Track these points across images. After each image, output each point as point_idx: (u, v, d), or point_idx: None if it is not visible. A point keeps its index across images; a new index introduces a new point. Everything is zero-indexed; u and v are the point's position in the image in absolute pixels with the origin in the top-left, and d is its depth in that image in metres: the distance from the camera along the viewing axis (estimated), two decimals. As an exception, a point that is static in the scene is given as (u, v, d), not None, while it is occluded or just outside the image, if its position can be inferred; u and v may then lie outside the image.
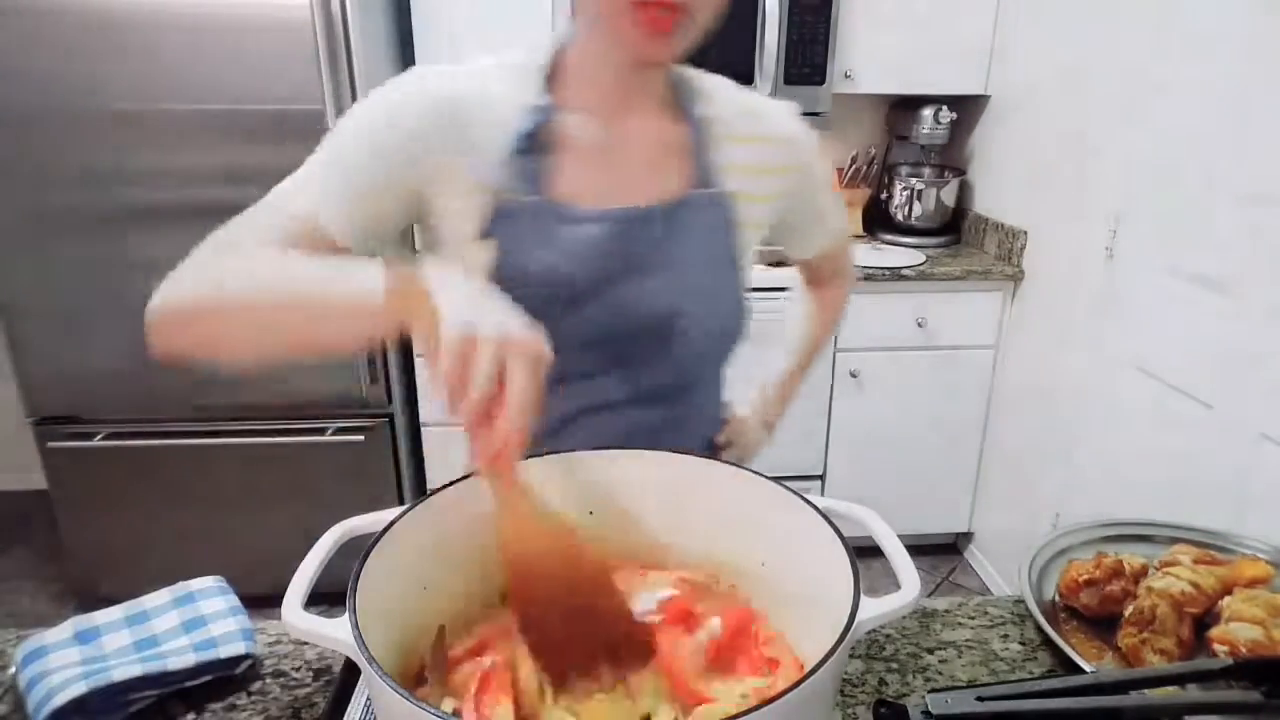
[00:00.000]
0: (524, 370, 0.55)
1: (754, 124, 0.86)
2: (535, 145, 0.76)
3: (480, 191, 0.75)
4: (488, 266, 0.76)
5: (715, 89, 0.86)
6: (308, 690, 0.71)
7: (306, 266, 0.66)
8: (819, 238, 1.00)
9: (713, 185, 0.82)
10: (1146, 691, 0.61)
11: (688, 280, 0.81)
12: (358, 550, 0.57)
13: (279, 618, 0.52)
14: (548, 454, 0.70)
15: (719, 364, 0.91)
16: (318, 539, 0.58)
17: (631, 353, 0.81)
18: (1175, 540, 0.86)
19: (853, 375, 2.36)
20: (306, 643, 0.76)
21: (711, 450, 0.95)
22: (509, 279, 0.74)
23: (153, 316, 0.68)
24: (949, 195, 2.55)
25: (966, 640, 0.78)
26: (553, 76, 0.79)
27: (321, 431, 2.14)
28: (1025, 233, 2.26)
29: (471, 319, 0.55)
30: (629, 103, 0.80)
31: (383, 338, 0.62)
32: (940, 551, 2.66)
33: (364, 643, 0.48)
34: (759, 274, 2.25)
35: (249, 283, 0.66)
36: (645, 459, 0.70)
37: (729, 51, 2.24)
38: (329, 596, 0.60)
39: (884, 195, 2.64)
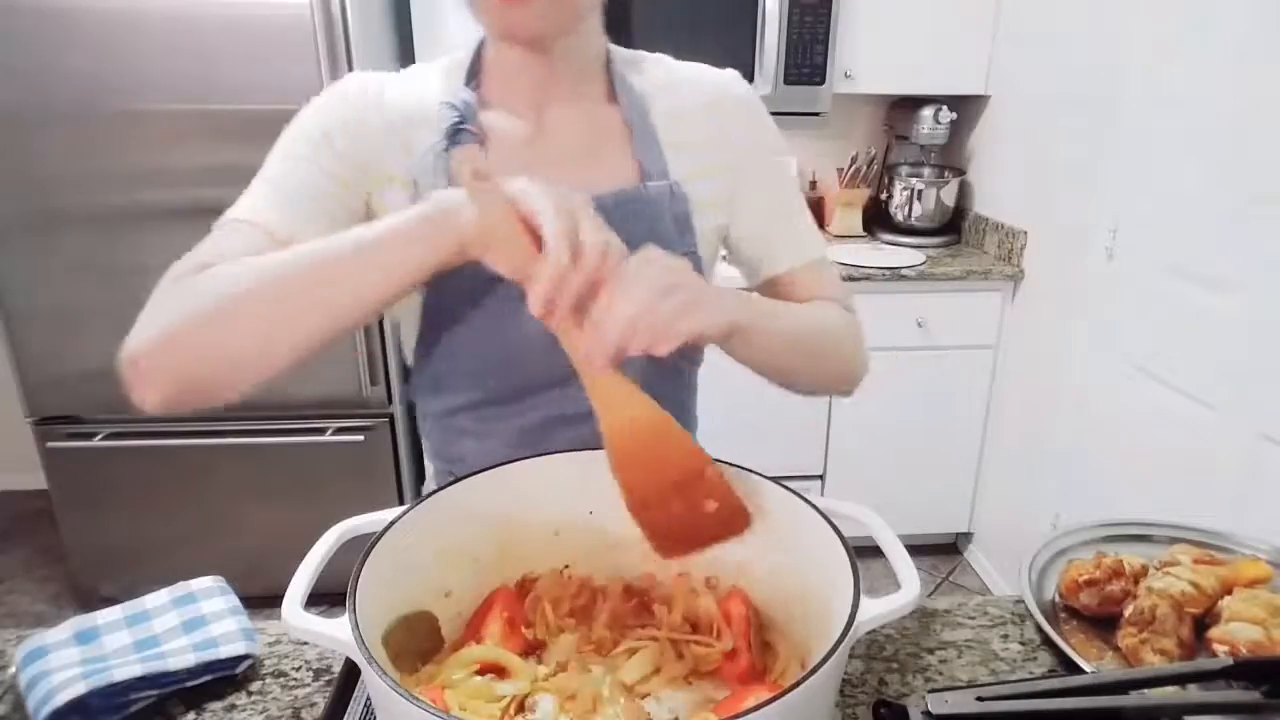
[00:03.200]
0: (623, 255, 0.55)
1: (681, 97, 0.80)
2: (460, 143, 0.73)
3: (413, 190, 0.74)
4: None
5: (648, 65, 0.82)
6: (308, 690, 0.71)
7: (323, 239, 0.62)
8: (782, 246, 0.85)
9: (656, 172, 0.77)
10: (1146, 691, 0.61)
11: None
12: (358, 550, 0.57)
13: (279, 618, 0.52)
14: (546, 454, 0.71)
15: (684, 365, 0.86)
16: (318, 539, 0.58)
17: None
18: (1175, 540, 0.86)
19: (853, 375, 2.36)
20: (306, 643, 0.76)
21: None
22: (450, 285, 0.71)
23: (129, 364, 0.61)
24: (949, 195, 2.55)
25: (966, 640, 0.78)
26: (477, 72, 0.78)
27: (321, 431, 2.14)
28: (1025, 233, 2.26)
29: (566, 203, 0.55)
30: (545, 91, 0.76)
31: (441, 262, 0.59)
32: (940, 551, 2.66)
33: (364, 643, 0.48)
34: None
35: (247, 276, 0.61)
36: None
37: (729, 51, 2.24)
38: (329, 596, 0.60)
39: (884, 195, 2.64)
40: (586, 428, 0.78)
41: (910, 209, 2.55)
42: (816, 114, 2.33)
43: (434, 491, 0.65)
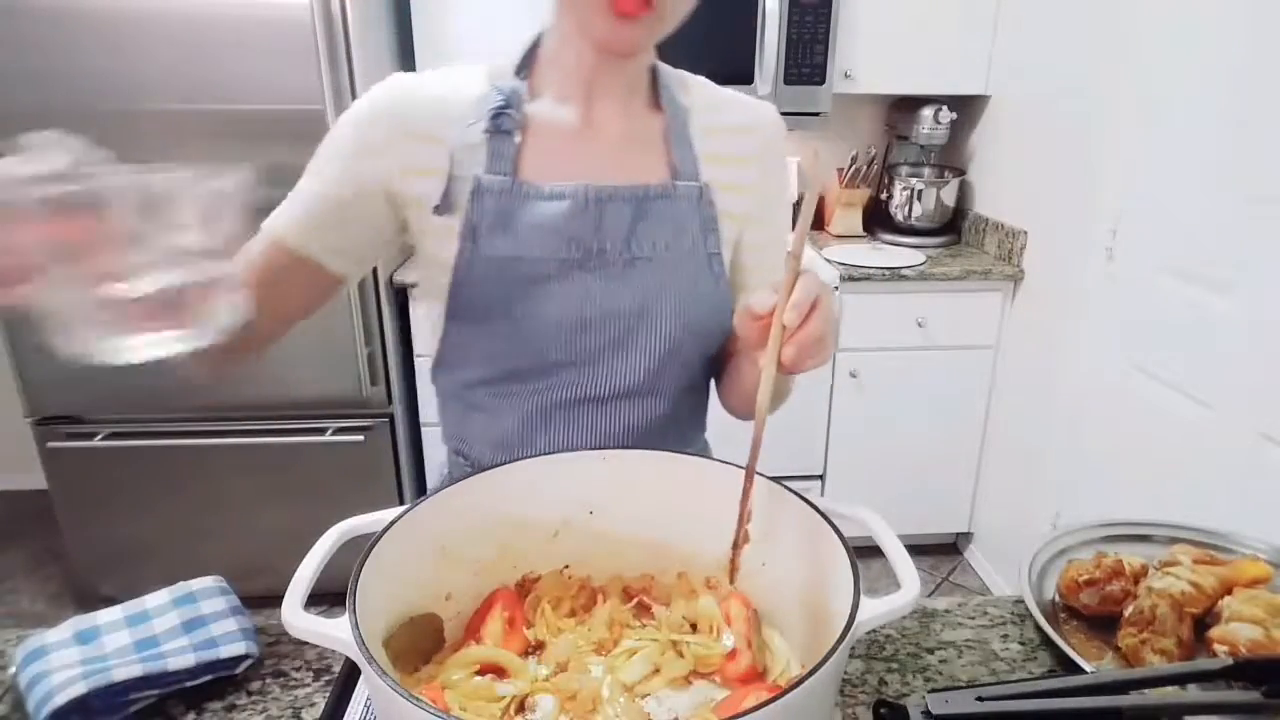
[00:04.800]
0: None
1: (723, 114, 0.85)
2: (502, 127, 0.77)
3: (448, 175, 0.77)
4: (456, 249, 0.77)
5: (693, 84, 0.87)
6: (308, 690, 0.71)
7: None
8: (772, 274, 0.91)
9: (688, 177, 0.82)
10: (1146, 691, 0.61)
11: (661, 272, 0.80)
12: (358, 550, 0.57)
13: (279, 618, 0.52)
14: (547, 454, 0.71)
15: (696, 362, 0.87)
16: (318, 539, 0.58)
17: (602, 344, 0.80)
18: (1175, 540, 0.86)
19: (852, 375, 2.36)
20: (306, 643, 0.75)
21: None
22: (479, 260, 0.77)
23: None
24: (949, 195, 2.55)
25: (966, 640, 0.78)
26: (528, 64, 0.82)
27: (321, 431, 2.14)
28: (1025, 233, 2.26)
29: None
30: (600, 90, 0.80)
31: None
32: (940, 551, 2.66)
33: (364, 643, 0.48)
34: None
35: None
36: (646, 459, 0.70)
37: (729, 51, 2.24)
38: (329, 596, 0.60)
39: (884, 195, 2.64)
40: (596, 410, 0.83)
41: (910, 209, 2.55)
42: (816, 114, 2.33)
43: (434, 491, 0.65)
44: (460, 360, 0.84)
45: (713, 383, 0.92)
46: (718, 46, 2.23)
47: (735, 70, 2.24)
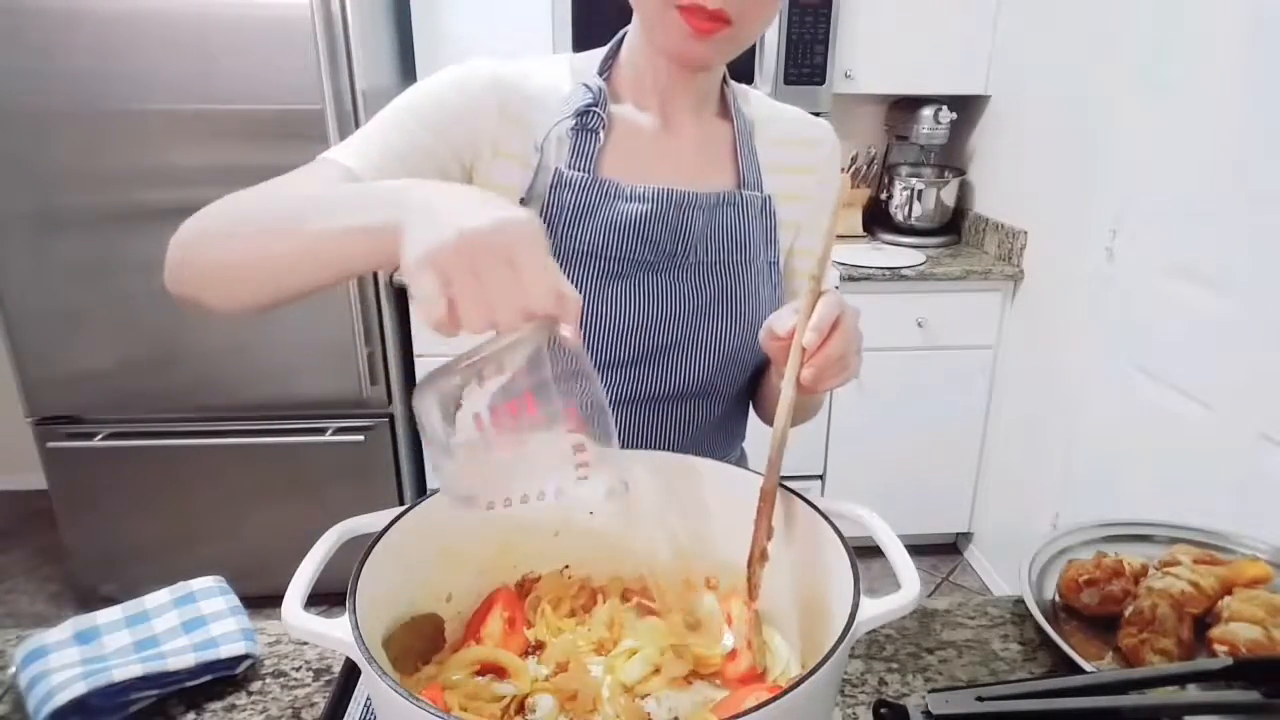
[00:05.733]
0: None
1: (785, 127, 0.89)
2: (588, 124, 0.79)
3: (531, 164, 0.78)
4: None
5: (753, 96, 0.90)
6: (308, 690, 0.71)
7: (333, 185, 0.65)
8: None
9: (754, 186, 0.85)
10: (1146, 691, 0.61)
11: (724, 277, 0.82)
12: (358, 550, 0.57)
13: (279, 618, 0.52)
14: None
15: (750, 368, 0.88)
16: (318, 539, 0.58)
17: (663, 345, 0.82)
18: (1175, 540, 0.86)
19: (853, 375, 2.36)
20: (306, 643, 0.76)
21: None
22: (554, 251, 0.75)
23: (170, 249, 0.67)
24: (949, 195, 2.55)
25: (966, 640, 0.78)
26: (610, 66, 0.84)
27: (321, 431, 2.14)
28: (1025, 233, 2.26)
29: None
30: (676, 97, 0.83)
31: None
32: (940, 551, 2.66)
33: (364, 643, 0.48)
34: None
35: (253, 202, 0.64)
36: (646, 459, 0.70)
37: (729, 51, 2.23)
38: (329, 596, 0.60)
39: (884, 195, 2.64)
40: (651, 410, 0.84)
41: (910, 209, 2.55)
42: (817, 114, 2.32)
43: (434, 491, 0.65)
44: None
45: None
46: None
47: (735, 70, 2.22)
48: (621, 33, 0.84)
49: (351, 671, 0.70)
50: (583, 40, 2.06)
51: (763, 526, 0.63)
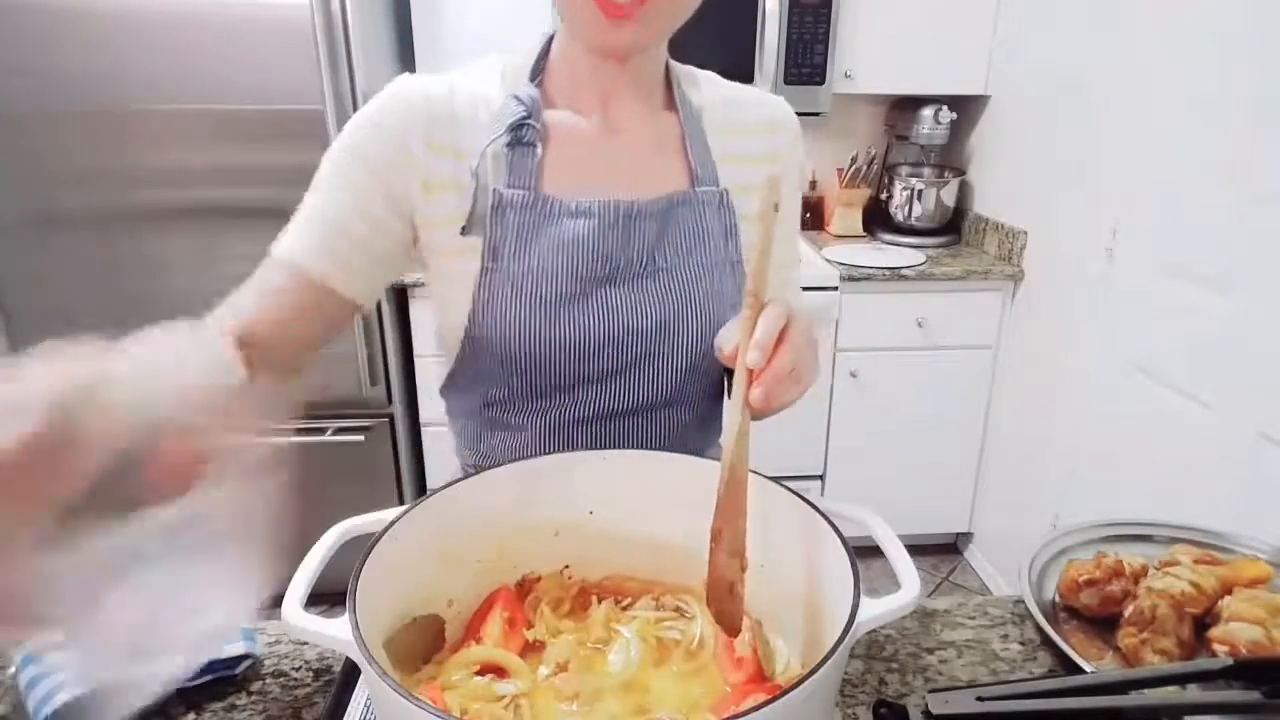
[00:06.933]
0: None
1: (739, 112, 0.84)
2: (524, 139, 0.74)
3: (468, 189, 0.74)
4: (478, 268, 0.75)
5: (702, 80, 0.85)
6: (308, 690, 0.71)
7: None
8: (783, 276, 0.89)
9: (708, 181, 0.80)
10: (1146, 691, 0.61)
11: (685, 283, 0.79)
12: (358, 550, 0.57)
13: (279, 618, 0.52)
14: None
15: (720, 368, 0.86)
16: (318, 539, 0.58)
17: (630, 359, 0.79)
18: (1175, 540, 0.86)
19: (853, 375, 2.36)
20: (306, 643, 0.76)
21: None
22: (501, 279, 0.74)
23: None
24: (949, 195, 2.55)
25: (966, 640, 0.78)
26: (541, 71, 0.79)
27: (321, 431, 2.14)
28: (1025, 233, 2.26)
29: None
30: (614, 94, 0.78)
31: None
32: (940, 551, 2.66)
33: (364, 643, 0.48)
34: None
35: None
36: (646, 459, 0.70)
37: (729, 51, 2.24)
38: (329, 596, 0.60)
39: (884, 195, 2.64)
40: (616, 425, 0.82)
41: (910, 209, 2.55)
42: (816, 114, 2.33)
43: (434, 491, 0.65)
44: (478, 379, 0.81)
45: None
46: (718, 46, 2.23)
47: (735, 70, 2.24)
48: (551, 31, 0.80)
49: (351, 671, 0.70)
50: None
51: (718, 562, 0.59)
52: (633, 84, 0.79)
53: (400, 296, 2.17)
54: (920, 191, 2.53)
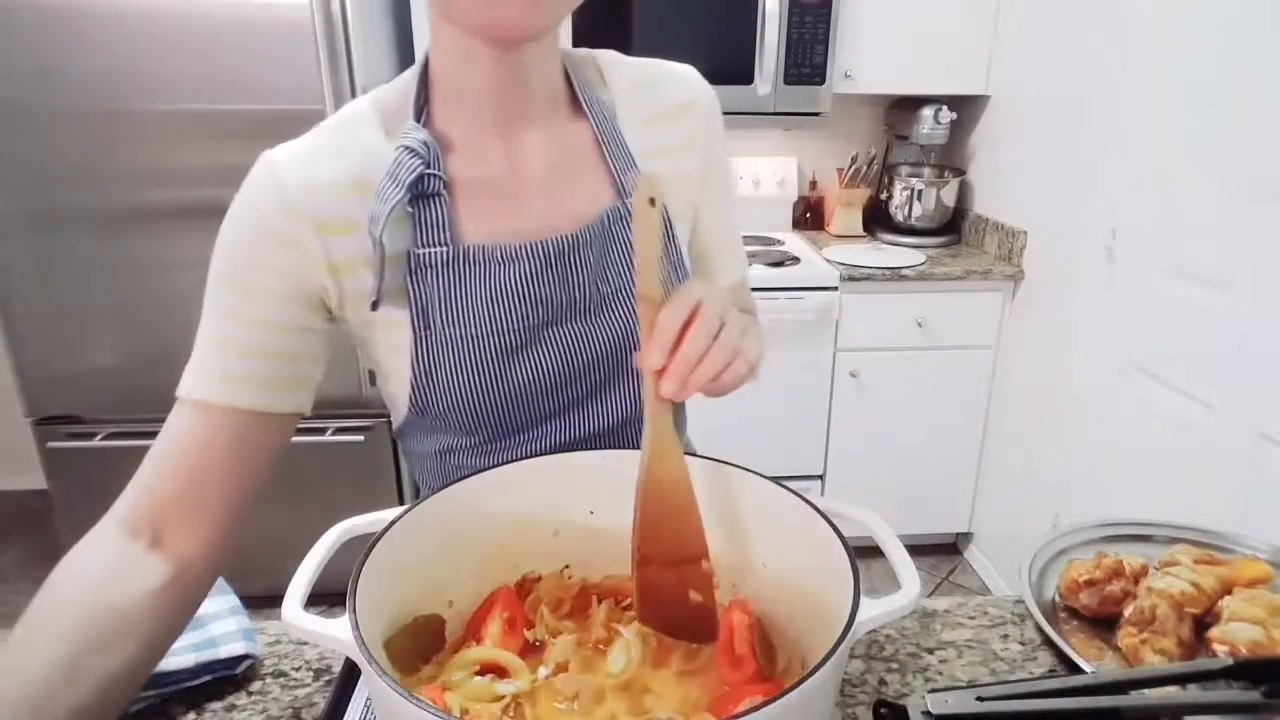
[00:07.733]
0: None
1: (653, 95, 0.77)
2: (426, 191, 0.66)
3: (379, 262, 0.63)
4: (411, 338, 0.69)
5: (607, 66, 0.77)
6: (308, 690, 0.71)
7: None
8: (727, 259, 0.86)
9: (632, 184, 0.73)
10: (1146, 691, 0.61)
11: (632, 297, 0.72)
12: (358, 550, 0.57)
13: (279, 618, 0.52)
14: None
15: None
16: (318, 539, 0.58)
17: (588, 390, 0.75)
18: (1175, 540, 0.86)
19: (853, 375, 2.36)
20: (306, 643, 0.76)
21: None
22: (437, 346, 0.69)
23: None
24: (949, 195, 2.55)
25: (966, 640, 0.78)
26: (424, 108, 0.69)
27: (321, 431, 2.14)
28: (1025, 233, 2.26)
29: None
30: (516, 111, 0.69)
31: None
32: (940, 551, 2.66)
33: (364, 643, 0.48)
34: (758, 274, 2.25)
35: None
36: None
37: (729, 51, 2.24)
38: (329, 596, 0.60)
39: (884, 195, 2.64)
40: (591, 448, 0.77)
41: (910, 209, 2.55)
42: (816, 114, 2.33)
43: (434, 491, 0.65)
44: (432, 431, 0.76)
45: None
46: (718, 46, 2.23)
47: (735, 70, 2.24)
48: (418, 63, 0.70)
49: (351, 671, 0.70)
50: (583, 40, 2.06)
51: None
52: (534, 93, 0.70)
53: (400, 296, 2.17)
54: (920, 191, 2.53)
